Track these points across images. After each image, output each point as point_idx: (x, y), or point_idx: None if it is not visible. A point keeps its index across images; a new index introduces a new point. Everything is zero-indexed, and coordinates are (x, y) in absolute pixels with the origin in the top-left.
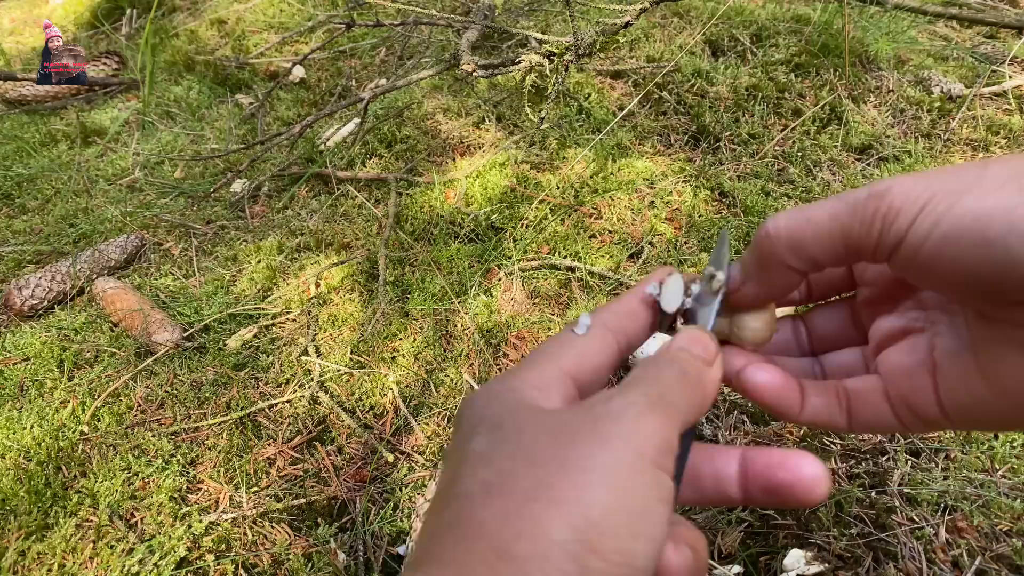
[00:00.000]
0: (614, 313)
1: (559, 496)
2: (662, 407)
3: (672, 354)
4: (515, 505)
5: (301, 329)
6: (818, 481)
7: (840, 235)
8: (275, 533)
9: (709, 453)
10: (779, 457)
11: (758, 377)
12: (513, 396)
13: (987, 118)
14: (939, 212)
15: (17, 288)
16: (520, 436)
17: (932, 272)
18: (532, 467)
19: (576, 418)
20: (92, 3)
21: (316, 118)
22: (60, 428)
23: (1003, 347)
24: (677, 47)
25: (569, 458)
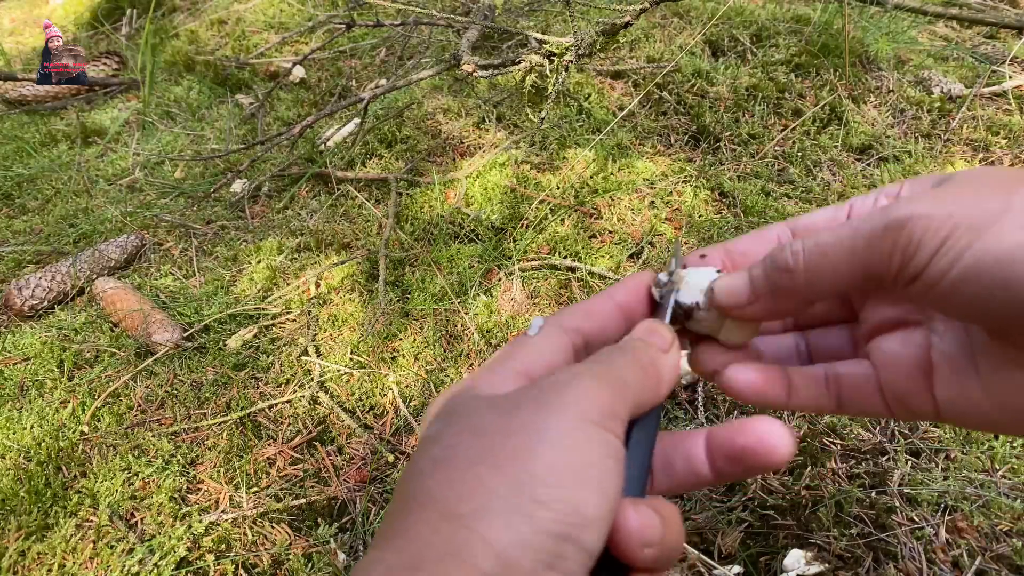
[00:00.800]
0: (570, 313)
1: (502, 459)
2: (606, 379)
3: (625, 343)
4: (459, 472)
5: (301, 329)
6: (779, 441)
7: (860, 269)
8: (275, 533)
9: (677, 438)
10: (739, 424)
11: (739, 377)
12: (468, 393)
13: (987, 118)
14: (960, 247)
15: (17, 288)
16: (469, 416)
17: (949, 305)
18: (477, 437)
19: (520, 393)
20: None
21: (316, 118)
22: (60, 428)
23: (1010, 367)
24: (677, 47)
25: (512, 425)
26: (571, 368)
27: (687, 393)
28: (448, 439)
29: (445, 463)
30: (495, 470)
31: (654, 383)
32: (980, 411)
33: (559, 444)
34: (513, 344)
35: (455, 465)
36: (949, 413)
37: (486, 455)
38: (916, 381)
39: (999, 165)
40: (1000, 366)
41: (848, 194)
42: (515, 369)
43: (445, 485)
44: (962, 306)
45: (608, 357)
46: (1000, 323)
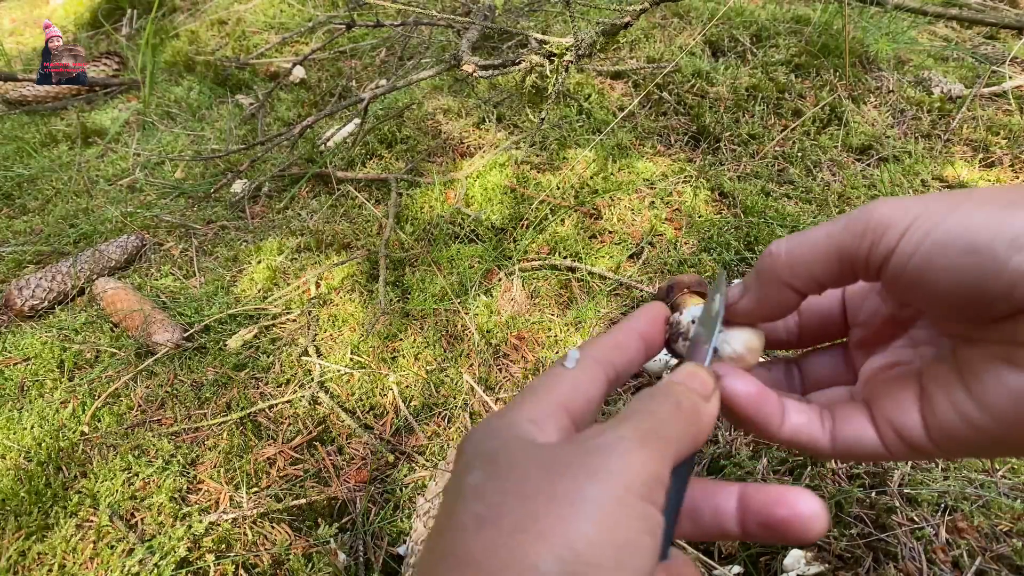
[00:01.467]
0: (602, 346)
1: (546, 528)
2: (652, 441)
3: (668, 387)
4: (503, 537)
5: (301, 329)
6: (815, 518)
7: (835, 250)
8: (275, 533)
9: (709, 489)
10: (776, 494)
11: (736, 385)
12: (509, 431)
13: (987, 118)
14: (929, 225)
15: (17, 288)
16: (512, 470)
17: (921, 282)
18: (522, 500)
19: (567, 452)
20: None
21: (316, 118)
22: (60, 428)
23: (990, 364)
24: (677, 47)
25: (557, 491)
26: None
27: None
28: (492, 496)
29: (490, 524)
30: (539, 541)
31: (695, 432)
32: (974, 424)
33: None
34: (551, 375)
35: (499, 529)
36: (944, 438)
37: (529, 522)
38: (908, 404)
39: (999, 165)
40: (982, 367)
41: (848, 194)
42: (555, 402)
43: (489, 549)
44: (934, 283)
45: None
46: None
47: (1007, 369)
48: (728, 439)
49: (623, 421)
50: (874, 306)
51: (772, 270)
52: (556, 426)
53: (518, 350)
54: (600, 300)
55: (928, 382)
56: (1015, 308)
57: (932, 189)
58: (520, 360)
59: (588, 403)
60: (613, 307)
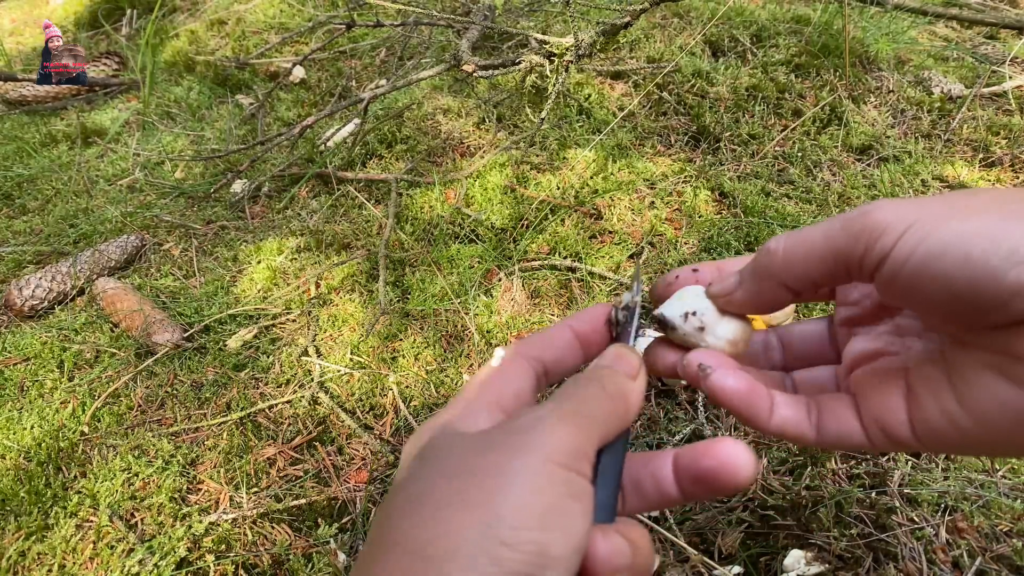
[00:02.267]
0: (530, 342)
1: (470, 500)
2: (573, 418)
3: (594, 371)
4: (429, 513)
5: (301, 329)
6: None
7: (830, 250)
8: (275, 533)
9: (647, 458)
10: (703, 447)
11: (726, 382)
12: (441, 429)
13: (987, 118)
14: (925, 231)
15: (17, 288)
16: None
17: (915, 288)
18: (446, 479)
19: (492, 435)
20: (92, 3)
21: (316, 119)
22: (60, 428)
23: (981, 373)
24: (677, 47)
25: (480, 467)
26: (537, 410)
27: (687, 394)
28: (420, 481)
29: (418, 505)
30: (465, 512)
31: (622, 412)
32: (961, 429)
33: (525, 487)
34: (479, 376)
35: (426, 508)
36: (929, 438)
37: (456, 497)
38: (893, 399)
39: (999, 165)
40: (973, 375)
41: (848, 194)
42: (488, 400)
43: (418, 527)
44: (927, 290)
45: (575, 391)
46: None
47: (998, 380)
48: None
49: (546, 404)
50: (866, 289)
51: (768, 267)
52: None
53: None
54: (600, 300)
55: (916, 382)
56: (1010, 319)
57: (932, 189)
58: None
59: (517, 397)
60: None
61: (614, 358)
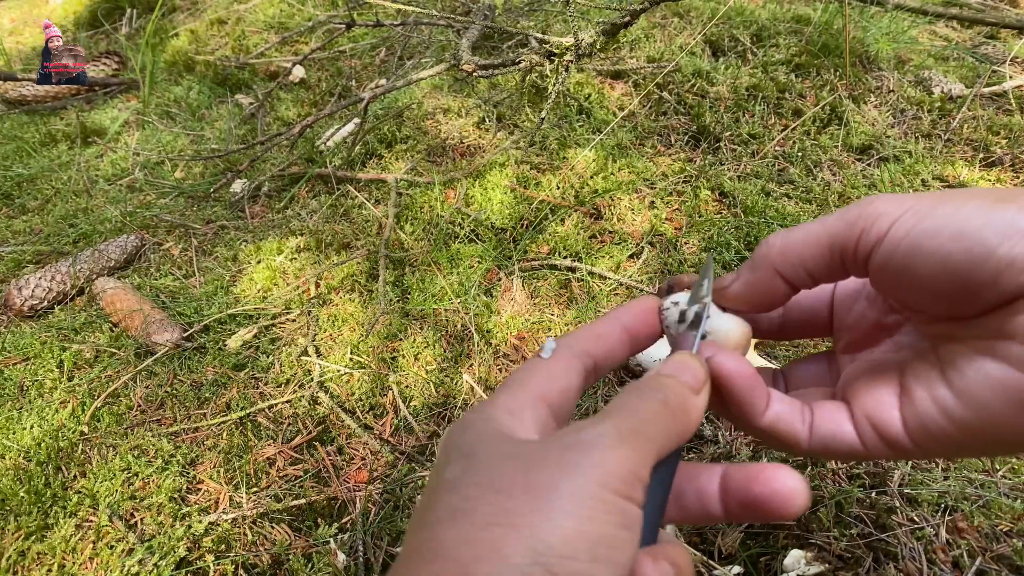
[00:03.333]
0: (579, 336)
1: (519, 521)
2: (632, 440)
3: (656, 381)
4: (476, 529)
5: (301, 329)
6: (794, 493)
7: (827, 237)
8: (275, 533)
9: (693, 472)
10: (755, 471)
11: (727, 363)
12: (486, 425)
13: (987, 118)
14: (920, 214)
15: (17, 288)
16: (489, 464)
17: (909, 268)
18: (497, 493)
19: (545, 447)
20: (92, 3)
21: (316, 118)
22: (60, 428)
23: (971, 357)
24: (677, 47)
25: (532, 485)
26: (596, 424)
27: None
28: (467, 489)
29: (463, 517)
30: (512, 533)
31: (682, 429)
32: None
33: (575, 513)
34: (527, 367)
35: (472, 521)
36: (922, 434)
37: (503, 515)
38: (887, 399)
39: (999, 165)
40: (964, 361)
41: (848, 194)
42: (532, 394)
43: (461, 542)
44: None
45: (636, 405)
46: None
47: (989, 360)
48: (728, 439)
49: (605, 418)
50: (861, 310)
51: (765, 256)
52: (534, 417)
53: (518, 350)
54: (600, 300)
55: (908, 378)
56: (1001, 297)
57: (932, 189)
58: (520, 360)
59: (564, 393)
60: (613, 307)
61: (678, 367)
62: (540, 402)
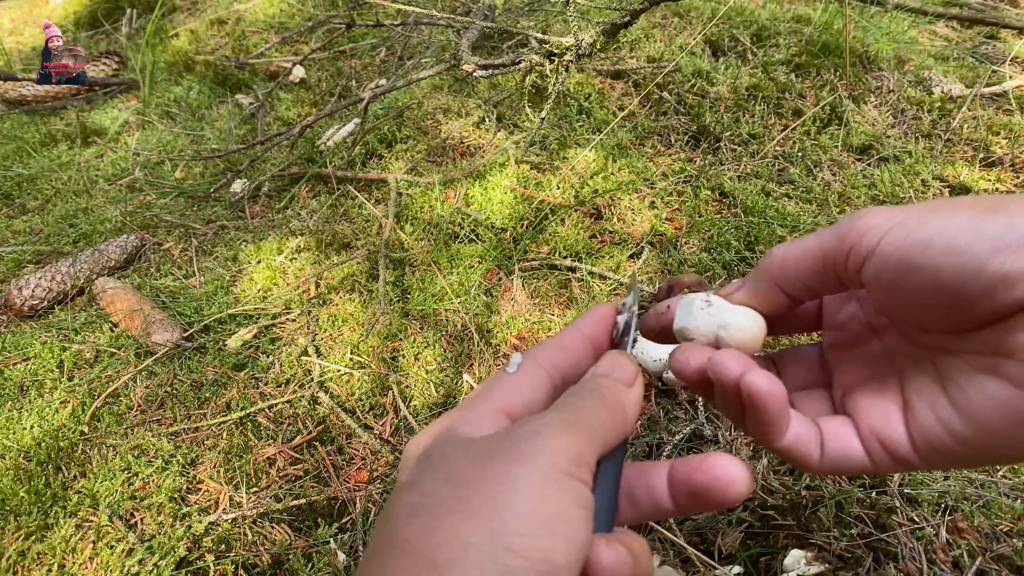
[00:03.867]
0: (545, 349)
1: (476, 507)
2: (575, 427)
3: (593, 381)
4: (435, 520)
5: (301, 329)
6: (735, 480)
7: (820, 253)
8: (275, 533)
9: (642, 470)
10: (697, 461)
11: (761, 383)
12: (446, 434)
13: (987, 118)
14: (911, 226)
15: (17, 288)
16: (444, 463)
17: (900, 282)
18: (453, 486)
19: (496, 441)
20: (92, 3)
21: (316, 118)
22: (60, 428)
23: (972, 375)
24: (677, 47)
25: (486, 475)
26: (541, 417)
27: (687, 394)
28: (424, 486)
29: (423, 511)
30: (470, 519)
31: (620, 421)
32: (958, 437)
33: (530, 495)
34: (492, 381)
35: (432, 513)
36: (929, 450)
37: (461, 505)
38: (892, 415)
39: (999, 165)
40: (965, 379)
41: (848, 194)
42: (494, 407)
43: (422, 533)
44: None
45: (575, 401)
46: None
47: (990, 380)
48: (728, 439)
49: (548, 412)
50: (852, 311)
51: (766, 270)
52: (493, 427)
53: (518, 350)
54: (600, 300)
55: (911, 393)
56: (995, 312)
57: (932, 189)
58: None
59: (527, 407)
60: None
61: (611, 366)
62: (501, 415)
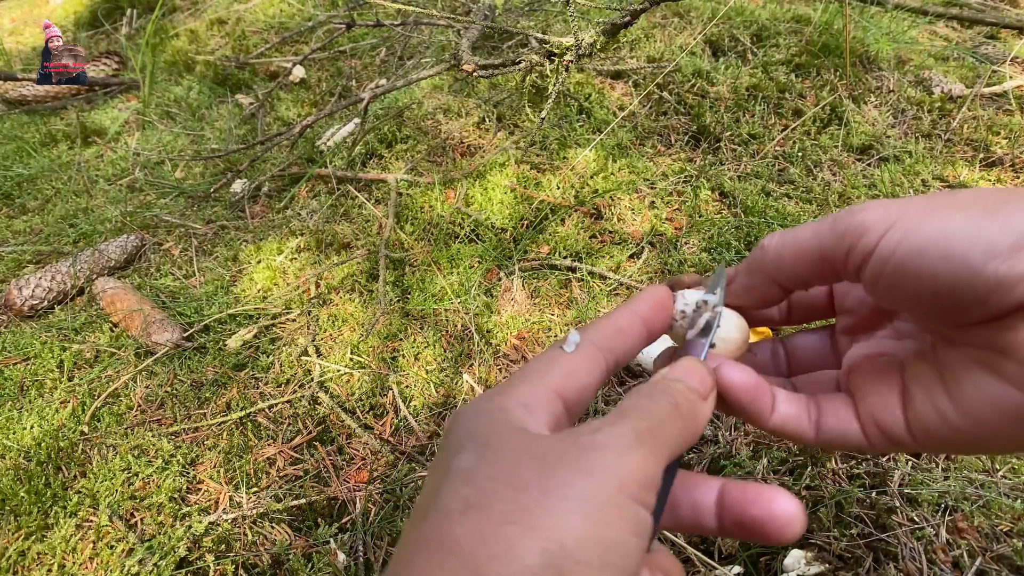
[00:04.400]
0: (603, 330)
1: (536, 521)
2: (649, 442)
3: (667, 385)
4: (491, 526)
5: (301, 329)
6: (791, 520)
7: (817, 249)
8: (275, 533)
9: (691, 481)
10: (754, 492)
11: (732, 375)
12: (501, 415)
13: (988, 118)
14: (907, 229)
15: (17, 288)
16: (504, 457)
17: (898, 286)
18: (513, 490)
19: (562, 445)
20: (92, 3)
21: (316, 118)
22: (60, 428)
23: (970, 369)
24: (677, 47)
25: (550, 485)
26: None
27: None
28: (481, 482)
29: (478, 512)
30: (528, 533)
31: (690, 433)
32: (953, 427)
33: (593, 517)
34: (547, 358)
35: (487, 517)
36: (925, 437)
37: (519, 514)
38: (890, 399)
39: (999, 165)
40: (963, 372)
41: (848, 194)
42: (550, 388)
43: (476, 538)
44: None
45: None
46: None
47: (987, 376)
48: (728, 439)
49: (620, 418)
50: (861, 295)
51: (760, 263)
52: (548, 412)
53: (518, 350)
54: (600, 300)
55: (910, 381)
56: (991, 314)
57: (932, 189)
58: (520, 360)
59: (582, 391)
60: (613, 307)
61: (687, 372)
62: (556, 398)
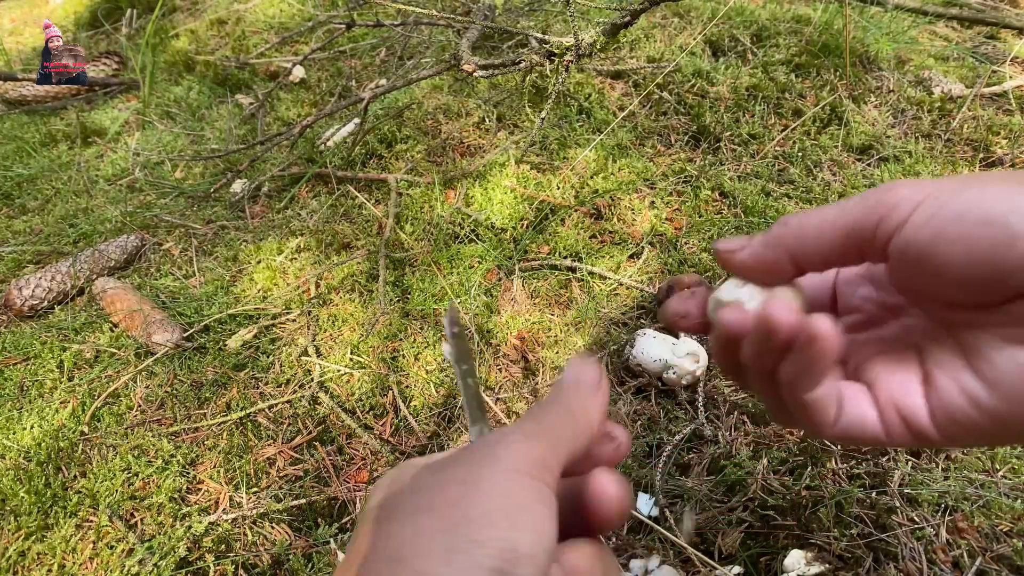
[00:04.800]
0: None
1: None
2: (537, 435)
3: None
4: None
5: (301, 329)
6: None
7: (845, 222)
8: (275, 533)
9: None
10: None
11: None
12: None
13: (987, 118)
14: (944, 198)
15: (17, 288)
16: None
17: (931, 255)
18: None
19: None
20: (92, 3)
21: (316, 118)
22: (60, 428)
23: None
24: (677, 47)
25: (447, 480)
26: (504, 430)
27: (687, 393)
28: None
29: (387, 520)
30: (434, 517)
31: (586, 428)
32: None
33: (492, 492)
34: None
35: (395, 519)
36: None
37: (424, 507)
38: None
39: (1000, 165)
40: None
41: (848, 194)
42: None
43: (388, 536)
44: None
45: (540, 413)
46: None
47: (1019, 349)
48: (728, 439)
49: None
50: (865, 293)
51: (780, 237)
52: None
53: (518, 350)
54: (600, 300)
55: (931, 367)
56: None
57: None
58: (520, 360)
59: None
60: (613, 307)
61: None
62: None
